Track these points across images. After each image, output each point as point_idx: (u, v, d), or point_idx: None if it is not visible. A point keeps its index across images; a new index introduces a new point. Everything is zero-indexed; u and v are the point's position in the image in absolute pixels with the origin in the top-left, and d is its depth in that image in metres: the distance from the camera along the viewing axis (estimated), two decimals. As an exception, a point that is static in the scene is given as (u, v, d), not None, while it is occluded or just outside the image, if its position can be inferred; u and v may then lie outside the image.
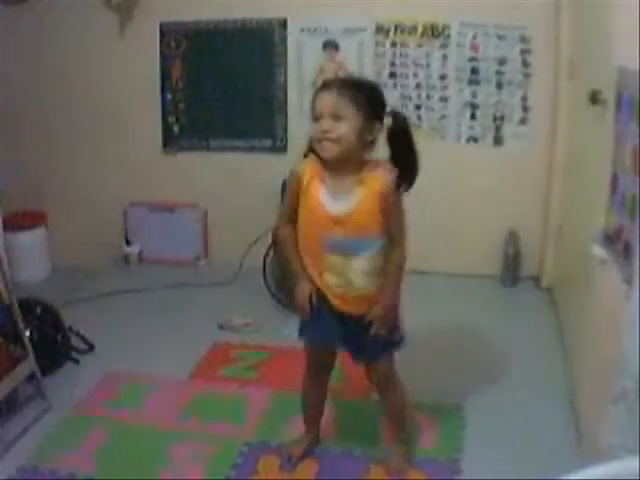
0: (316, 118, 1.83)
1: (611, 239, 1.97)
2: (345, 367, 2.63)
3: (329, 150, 1.82)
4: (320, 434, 2.30)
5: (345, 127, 1.80)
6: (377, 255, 1.90)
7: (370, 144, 1.86)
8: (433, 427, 2.38)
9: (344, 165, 1.85)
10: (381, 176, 1.85)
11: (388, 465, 2.16)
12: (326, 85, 1.87)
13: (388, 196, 1.84)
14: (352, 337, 2.00)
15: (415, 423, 2.33)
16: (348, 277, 1.92)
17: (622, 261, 1.86)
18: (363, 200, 1.85)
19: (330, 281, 1.95)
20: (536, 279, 3.72)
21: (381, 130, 1.86)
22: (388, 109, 1.89)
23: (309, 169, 1.92)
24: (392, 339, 2.01)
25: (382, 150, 1.91)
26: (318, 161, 1.90)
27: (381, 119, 1.86)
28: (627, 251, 1.81)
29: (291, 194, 1.96)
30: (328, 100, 1.81)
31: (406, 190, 1.88)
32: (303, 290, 1.97)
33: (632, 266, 1.76)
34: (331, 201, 1.88)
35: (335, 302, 1.97)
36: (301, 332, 2.08)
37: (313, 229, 1.92)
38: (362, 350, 2.03)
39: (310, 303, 1.97)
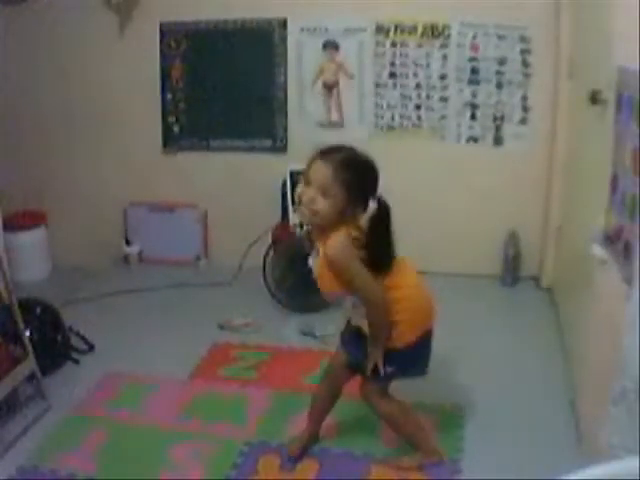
0: (305, 181, 1.85)
1: (611, 239, 1.97)
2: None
3: (304, 217, 1.88)
4: (320, 434, 2.30)
5: (328, 205, 1.82)
6: (352, 308, 1.98)
7: (350, 217, 1.87)
8: (433, 427, 2.38)
9: (322, 230, 1.89)
10: (329, 243, 1.85)
11: (400, 463, 2.18)
12: (325, 156, 1.85)
13: (333, 263, 1.85)
14: (356, 347, 2.07)
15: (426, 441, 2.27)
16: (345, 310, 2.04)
17: (622, 261, 1.86)
18: (321, 263, 1.90)
19: None
20: (536, 279, 3.72)
21: (364, 211, 1.86)
22: (378, 193, 1.89)
23: None
24: (388, 370, 2.02)
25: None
26: None
27: (366, 201, 1.86)
28: (627, 251, 1.81)
29: None
30: (322, 174, 1.82)
31: (380, 269, 1.90)
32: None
33: (632, 266, 1.76)
34: (312, 259, 1.98)
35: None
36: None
37: None
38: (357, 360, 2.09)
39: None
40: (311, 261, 1.99)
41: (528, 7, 3.42)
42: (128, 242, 4.10)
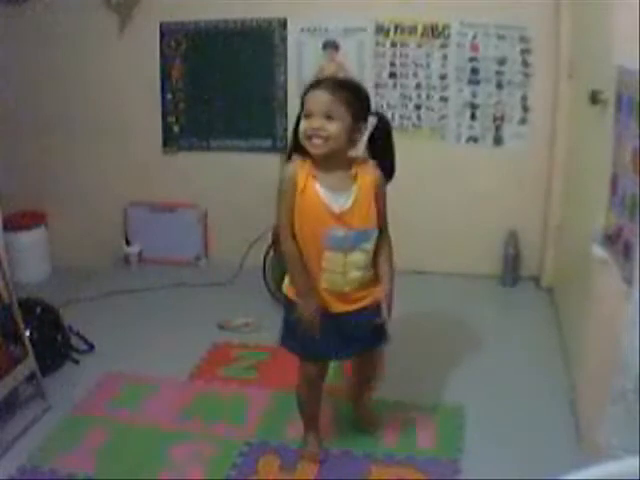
0: (307, 115, 1.89)
1: (611, 239, 1.97)
2: (345, 367, 2.63)
3: (318, 147, 1.89)
4: (319, 434, 2.29)
5: (336, 126, 1.87)
6: (371, 247, 1.99)
7: (355, 142, 1.95)
8: (433, 427, 2.38)
9: (334, 162, 1.93)
10: (372, 170, 1.97)
11: (369, 424, 2.31)
12: (319, 84, 1.92)
13: (379, 188, 1.98)
14: (351, 338, 2.05)
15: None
16: (345, 273, 1.96)
17: (622, 261, 1.86)
18: (362, 194, 1.94)
19: (328, 281, 1.98)
20: (536, 279, 3.72)
21: (366, 130, 1.96)
22: (373, 110, 1.99)
23: (302, 170, 1.94)
24: (385, 329, 2.08)
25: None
26: (308, 161, 1.94)
27: (366, 120, 1.95)
28: (627, 251, 1.81)
29: (289, 201, 1.94)
30: (321, 99, 1.87)
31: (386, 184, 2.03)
32: (310, 308, 1.98)
33: (632, 266, 1.77)
34: (331, 198, 1.92)
35: (334, 304, 2.00)
36: (304, 348, 2.09)
37: (314, 228, 1.94)
38: (360, 344, 2.11)
39: (316, 321, 1.99)
40: (329, 198, 1.91)
41: (528, 7, 3.42)
42: (128, 242, 4.10)
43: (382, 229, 2.02)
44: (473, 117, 3.64)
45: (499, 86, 3.56)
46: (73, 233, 4.12)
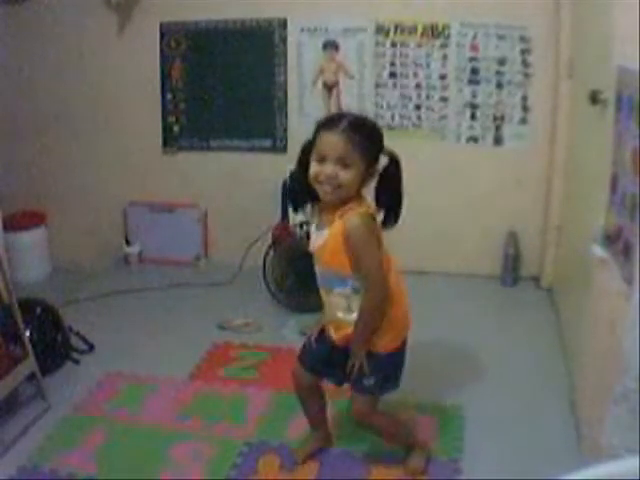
0: (320, 160, 1.78)
1: (611, 239, 1.97)
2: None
3: (329, 194, 1.80)
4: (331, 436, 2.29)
5: (349, 175, 1.76)
6: (352, 294, 1.89)
7: (366, 184, 1.85)
8: (433, 427, 2.38)
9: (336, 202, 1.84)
10: (350, 217, 1.79)
11: (406, 466, 2.15)
12: (332, 125, 1.78)
13: (350, 237, 1.79)
14: (340, 367, 2.00)
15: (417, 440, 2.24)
16: (330, 308, 1.98)
17: (622, 261, 1.86)
18: (330, 237, 1.83)
19: (325, 311, 2.03)
20: (536, 279, 3.72)
21: (378, 172, 1.85)
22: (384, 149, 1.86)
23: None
24: (367, 382, 1.96)
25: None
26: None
27: (378, 161, 1.83)
28: (627, 251, 1.81)
29: None
30: (335, 144, 1.75)
31: (390, 227, 1.90)
32: (318, 322, 2.11)
33: (632, 266, 1.77)
34: (315, 234, 1.93)
35: (331, 332, 2.03)
36: (301, 350, 2.15)
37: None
38: (333, 378, 2.11)
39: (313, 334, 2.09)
40: (314, 233, 1.92)
41: (528, 7, 3.42)
42: (128, 242, 4.10)
43: (364, 283, 1.85)
44: (473, 117, 3.64)
45: (499, 86, 3.56)
46: (73, 233, 4.13)
